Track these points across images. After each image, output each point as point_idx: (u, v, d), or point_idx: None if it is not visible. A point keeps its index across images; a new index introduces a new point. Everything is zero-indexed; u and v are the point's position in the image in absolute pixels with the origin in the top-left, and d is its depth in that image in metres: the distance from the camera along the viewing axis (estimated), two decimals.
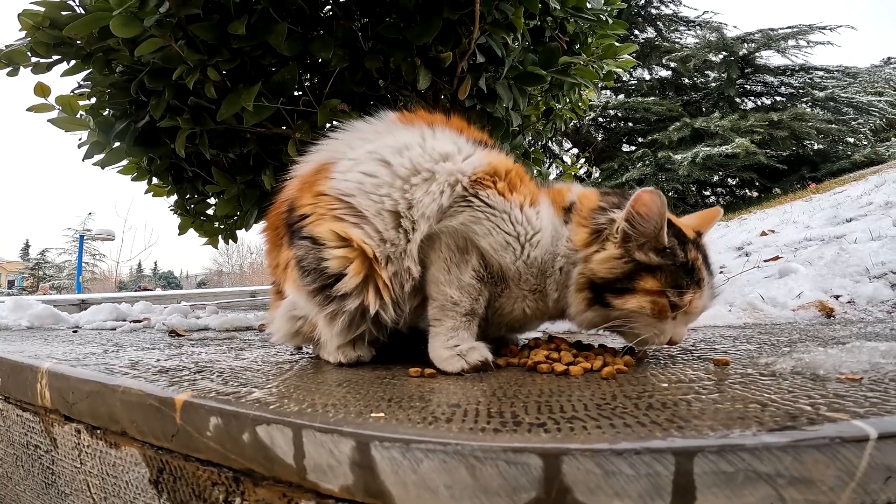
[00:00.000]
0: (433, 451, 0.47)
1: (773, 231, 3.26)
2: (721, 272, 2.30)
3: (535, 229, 0.84)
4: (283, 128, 1.76)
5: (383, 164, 0.87)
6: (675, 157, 8.44)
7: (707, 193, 10.05)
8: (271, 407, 0.60)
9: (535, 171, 2.66)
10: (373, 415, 0.55)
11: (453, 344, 0.82)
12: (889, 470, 0.44)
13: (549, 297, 0.86)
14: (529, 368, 0.80)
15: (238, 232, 2.32)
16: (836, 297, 1.47)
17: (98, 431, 0.81)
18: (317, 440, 0.53)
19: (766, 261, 2.30)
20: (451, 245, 0.83)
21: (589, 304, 0.82)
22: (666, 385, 0.65)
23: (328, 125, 1.67)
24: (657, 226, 0.77)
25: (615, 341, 0.91)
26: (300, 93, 1.81)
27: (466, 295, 0.83)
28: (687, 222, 0.89)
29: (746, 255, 2.67)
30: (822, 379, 0.63)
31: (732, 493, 0.43)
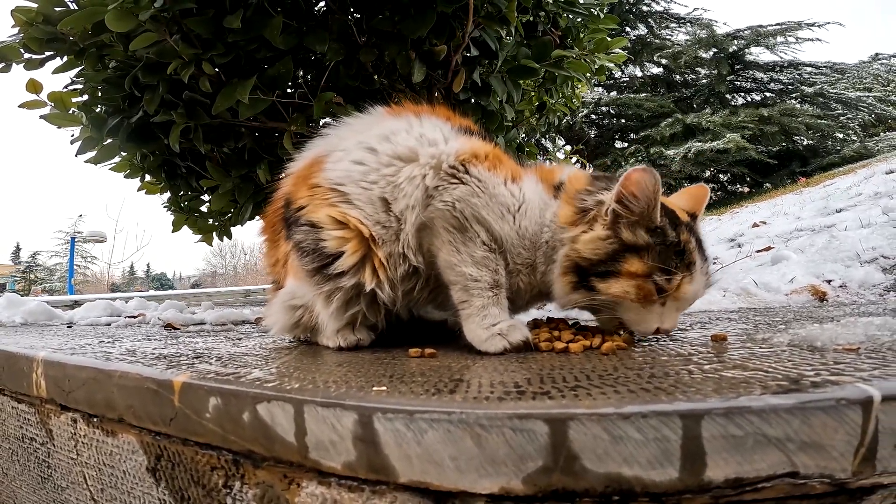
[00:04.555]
0: (437, 420, 0.47)
1: (764, 223, 3.29)
2: (714, 262, 2.32)
3: (521, 201, 0.85)
4: (279, 122, 1.75)
5: (370, 151, 0.90)
6: (668, 152, 8.49)
7: None
8: (271, 385, 0.59)
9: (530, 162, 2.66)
10: (374, 389, 0.55)
11: (490, 323, 0.79)
12: None
13: (538, 270, 0.85)
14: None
15: (232, 230, 2.30)
16: (829, 281, 1.49)
17: (94, 420, 0.80)
18: (318, 415, 0.53)
19: (758, 251, 2.32)
20: (447, 227, 0.83)
21: (574, 288, 0.80)
22: (666, 358, 0.65)
23: (323, 119, 1.68)
24: (650, 205, 0.75)
25: None
26: (294, 88, 1.80)
27: (484, 269, 0.82)
28: (678, 202, 0.87)
29: (739, 245, 2.70)
30: (819, 350, 0.64)
31: (743, 459, 0.43)
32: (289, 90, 1.79)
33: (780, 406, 0.43)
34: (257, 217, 2.14)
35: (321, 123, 1.66)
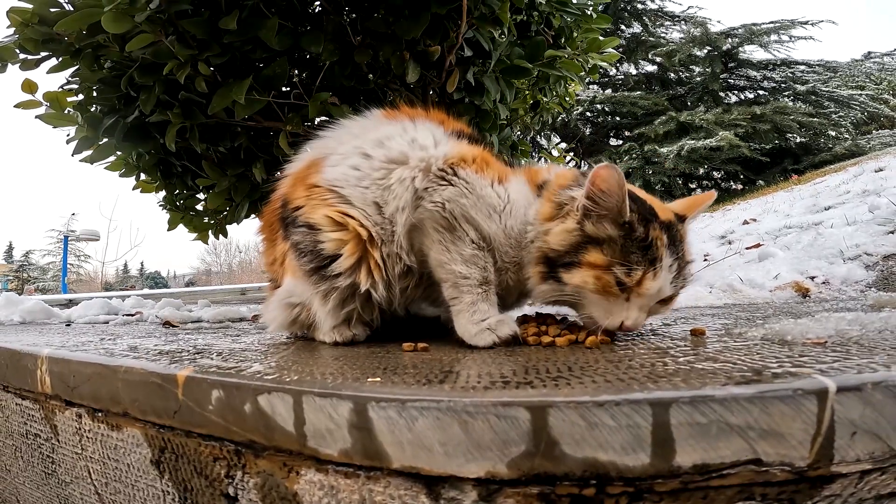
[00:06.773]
0: (427, 408, 0.50)
1: (754, 220, 3.34)
2: (705, 259, 2.36)
3: (506, 201, 0.88)
4: (274, 121, 1.78)
5: (365, 157, 0.94)
6: (662, 150, 8.54)
7: (693, 186, 10.16)
8: (271, 377, 0.62)
9: (523, 161, 2.70)
10: (369, 379, 0.58)
11: (479, 318, 0.83)
12: (853, 425, 0.47)
13: (524, 268, 0.88)
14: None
15: (228, 227, 2.32)
16: (812, 277, 1.53)
17: (99, 414, 0.83)
18: (316, 405, 0.56)
19: (747, 248, 2.37)
20: (437, 227, 0.86)
21: (543, 278, 0.83)
22: (645, 352, 0.69)
23: (319, 118, 1.70)
24: (619, 200, 0.77)
25: None
26: (290, 88, 1.83)
27: (473, 266, 0.85)
28: (673, 206, 0.90)
29: (729, 242, 2.74)
30: (789, 343, 0.67)
31: (708, 446, 0.46)
32: (284, 90, 1.81)
33: (741, 395, 0.47)
34: (253, 215, 2.16)
35: (316, 123, 1.69)
